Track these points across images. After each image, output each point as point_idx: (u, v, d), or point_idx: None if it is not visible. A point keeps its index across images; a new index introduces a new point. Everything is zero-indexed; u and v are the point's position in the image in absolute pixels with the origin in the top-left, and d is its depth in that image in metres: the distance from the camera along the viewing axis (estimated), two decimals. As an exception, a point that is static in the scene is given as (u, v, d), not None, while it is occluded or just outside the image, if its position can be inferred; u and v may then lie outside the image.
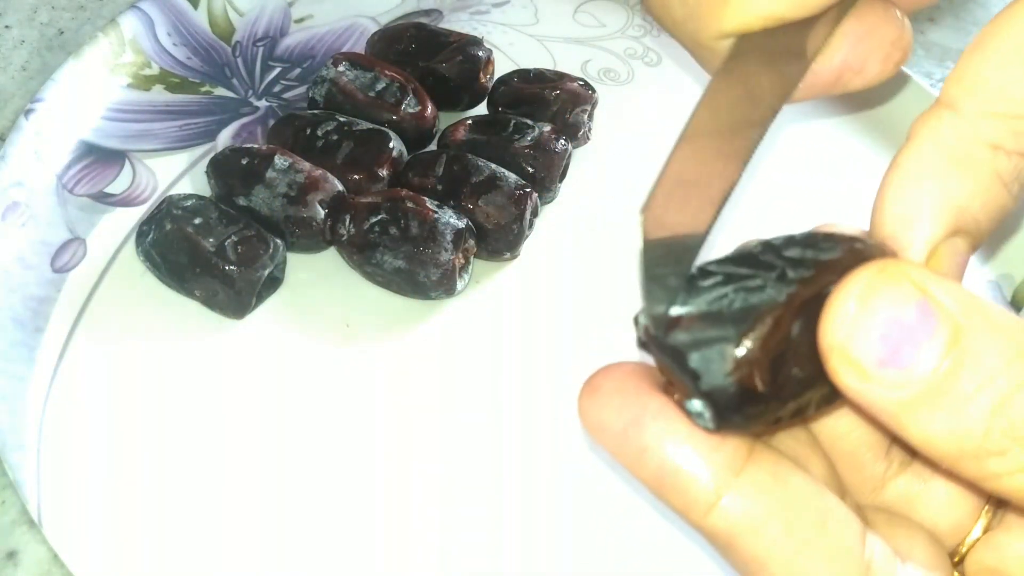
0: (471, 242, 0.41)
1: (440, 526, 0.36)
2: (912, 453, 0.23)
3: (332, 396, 0.39)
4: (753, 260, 0.20)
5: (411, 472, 0.37)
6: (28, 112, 0.44)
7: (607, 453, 0.19)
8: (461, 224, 0.40)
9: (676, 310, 0.19)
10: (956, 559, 0.23)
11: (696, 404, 0.19)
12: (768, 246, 0.20)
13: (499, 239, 0.42)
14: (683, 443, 0.19)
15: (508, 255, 0.43)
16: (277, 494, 0.36)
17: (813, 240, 0.20)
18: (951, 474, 0.20)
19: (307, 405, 0.38)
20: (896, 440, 0.22)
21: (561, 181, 0.45)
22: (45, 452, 0.35)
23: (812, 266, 0.19)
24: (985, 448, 0.17)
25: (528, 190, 0.42)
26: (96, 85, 0.46)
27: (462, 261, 0.41)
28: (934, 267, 0.21)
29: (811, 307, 0.19)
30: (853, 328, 0.18)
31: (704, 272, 0.20)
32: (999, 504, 0.23)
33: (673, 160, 0.20)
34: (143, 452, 0.36)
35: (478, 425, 0.38)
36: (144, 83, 0.47)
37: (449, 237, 0.40)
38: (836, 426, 0.22)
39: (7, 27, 0.50)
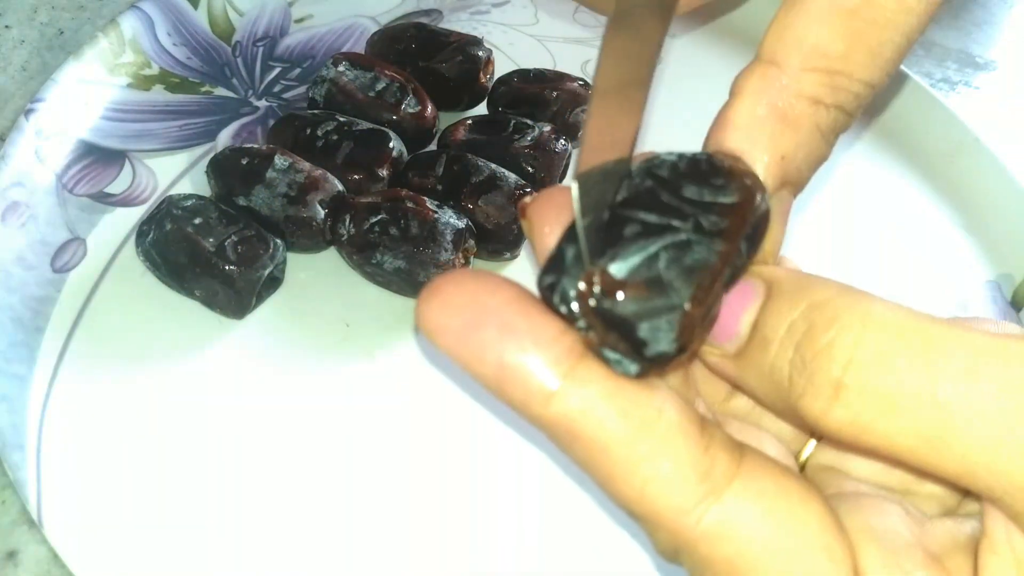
0: (471, 242, 0.41)
1: (440, 525, 0.36)
2: None
3: (332, 396, 0.39)
4: (657, 202, 0.20)
5: (411, 472, 0.37)
6: (28, 112, 0.44)
7: (445, 354, 0.19)
8: (461, 224, 0.40)
9: (614, 269, 0.19)
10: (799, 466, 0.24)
11: (620, 358, 0.19)
12: (661, 181, 0.20)
13: (499, 239, 0.42)
14: (523, 337, 0.19)
15: (508, 255, 0.43)
16: (277, 493, 0.36)
17: (703, 175, 0.21)
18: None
19: (307, 405, 0.38)
20: None
21: (561, 181, 0.45)
22: (45, 452, 0.35)
23: (719, 212, 0.20)
24: (793, 391, 0.19)
25: (528, 190, 0.42)
26: (96, 85, 0.46)
27: (462, 261, 0.41)
28: None
29: (731, 260, 0.20)
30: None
31: (618, 218, 0.20)
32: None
33: (588, 121, 0.20)
34: (143, 452, 0.36)
35: (478, 425, 0.38)
36: (144, 83, 0.47)
37: (449, 237, 0.40)
38: None
39: (7, 27, 0.50)
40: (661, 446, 0.19)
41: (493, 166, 0.43)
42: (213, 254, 0.39)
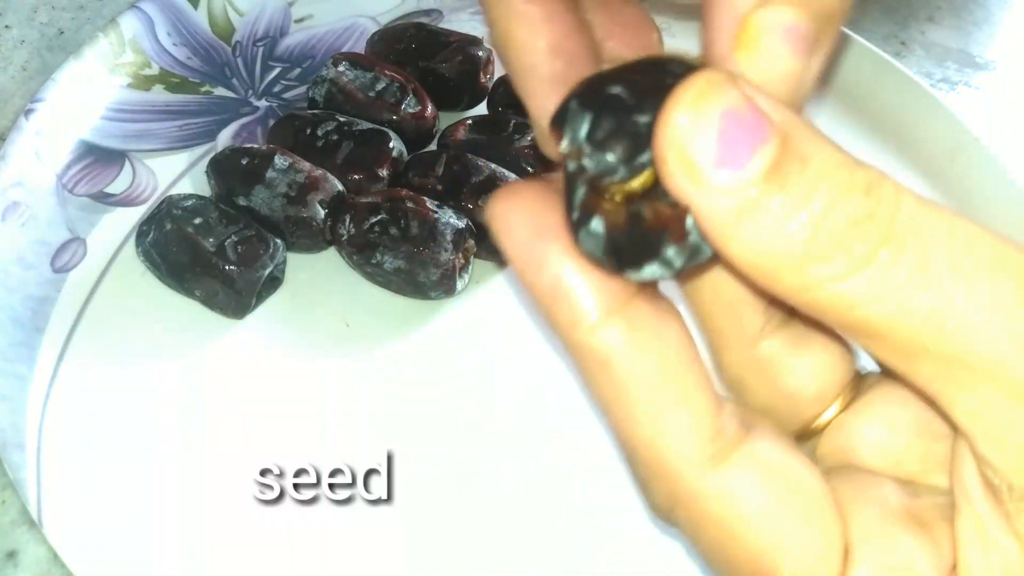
0: (471, 242, 0.41)
1: (439, 525, 0.36)
2: (790, 312, 0.23)
3: (332, 396, 0.39)
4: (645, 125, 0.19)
5: (411, 472, 0.37)
6: (28, 112, 0.44)
7: (509, 253, 0.20)
8: (461, 224, 0.40)
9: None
10: (807, 435, 0.23)
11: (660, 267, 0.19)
12: (631, 89, 0.19)
13: (499, 239, 0.42)
14: (583, 264, 0.19)
15: (508, 255, 0.43)
16: (276, 493, 0.36)
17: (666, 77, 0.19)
18: (818, 325, 0.21)
19: (307, 405, 0.38)
20: (774, 300, 0.22)
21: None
22: (45, 452, 0.35)
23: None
24: (811, 254, 0.18)
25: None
26: (96, 85, 0.46)
27: (462, 261, 0.41)
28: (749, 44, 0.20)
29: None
30: (690, 127, 0.17)
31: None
32: (855, 380, 0.23)
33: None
34: (143, 452, 0.36)
35: (478, 425, 0.38)
36: (144, 83, 0.47)
37: (449, 237, 0.40)
38: (717, 278, 0.22)
39: (7, 27, 0.50)
40: (686, 398, 0.19)
41: (493, 166, 0.43)
42: (213, 254, 0.39)
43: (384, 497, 0.36)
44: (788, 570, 0.20)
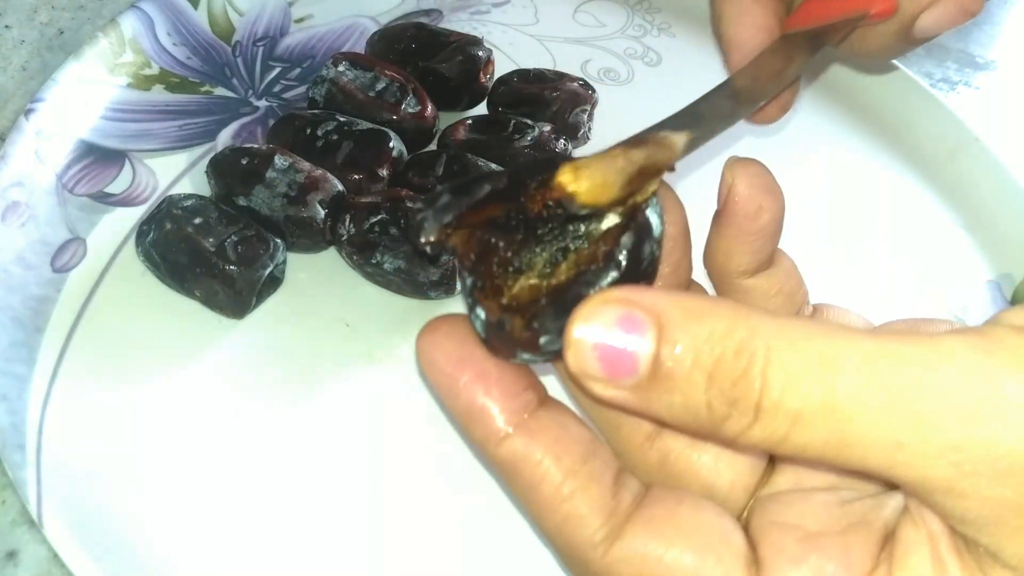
0: (471, 242, 0.41)
1: (439, 525, 0.36)
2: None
3: (332, 396, 0.39)
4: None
5: (410, 472, 0.37)
6: (28, 112, 0.44)
7: (431, 384, 0.23)
8: (461, 224, 0.40)
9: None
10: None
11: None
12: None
13: (499, 239, 0.42)
14: (492, 386, 0.23)
15: (508, 255, 0.43)
16: (276, 493, 0.36)
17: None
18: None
19: (307, 405, 0.38)
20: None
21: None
22: (45, 452, 0.35)
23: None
24: (714, 418, 0.21)
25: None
26: (96, 85, 0.46)
27: (462, 261, 0.41)
28: None
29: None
30: (582, 356, 0.21)
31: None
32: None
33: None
34: (143, 452, 0.36)
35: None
36: (144, 83, 0.47)
37: (449, 237, 0.40)
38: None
39: (7, 27, 0.50)
40: (580, 489, 0.23)
41: (493, 166, 0.43)
42: (213, 254, 0.39)
43: (384, 497, 0.36)
44: None
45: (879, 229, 0.48)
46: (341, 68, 0.46)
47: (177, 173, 0.45)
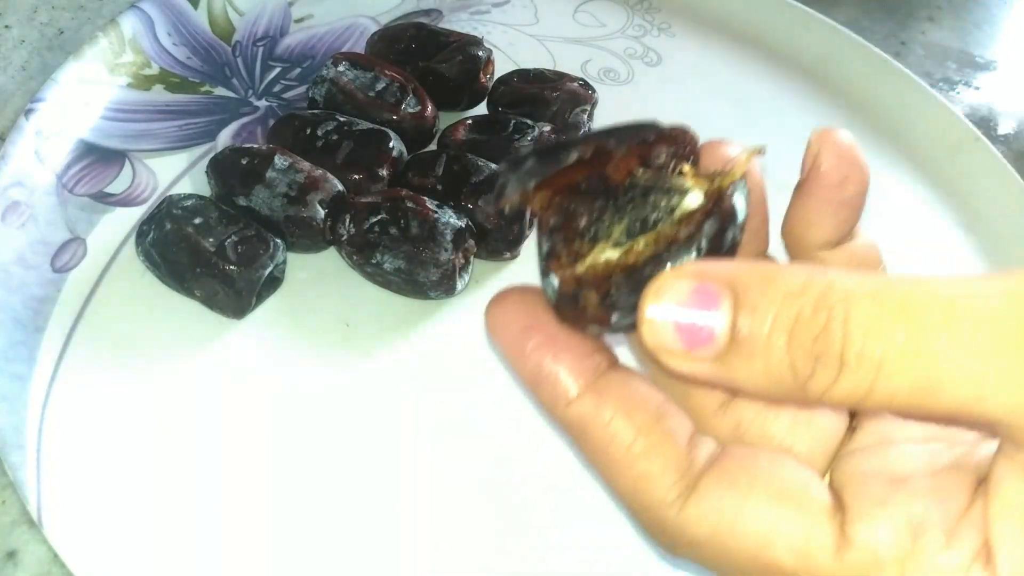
0: (471, 242, 0.41)
1: (439, 525, 0.36)
2: None
3: (332, 396, 0.39)
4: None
5: (410, 471, 0.37)
6: (28, 112, 0.44)
7: (499, 349, 0.24)
8: (461, 224, 0.40)
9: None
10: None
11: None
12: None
13: (499, 239, 0.42)
14: (561, 350, 0.23)
15: (508, 255, 0.43)
16: (276, 494, 0.36)
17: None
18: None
19: (307, 405, 0.38)
20: None
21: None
22: (45, 452, 0.35)
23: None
24: (798, 378, 0.20)
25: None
26: (96, 85, 0.46)
27: (462, 261, 0.41)
28: None
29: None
30: (657, 331, 0.21)
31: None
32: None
33: None
34: (143, 452, 0.36)
35: (478, 425, 0.38)
36: (144, 83, 0.47)
37: (449, 237, 0.40)
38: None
39: (7, 27, 0.50)
40: (653, 447, 0.22)
41: (493, 166, 0.43)
42: (213, 254, 0.39)
43: (384, 497, 0.36)
44: (784, 551, 0.22)
45: (878, 228, 0.48)
46: (341, 68, 0.46)
47: (177, 173, 0.45)
